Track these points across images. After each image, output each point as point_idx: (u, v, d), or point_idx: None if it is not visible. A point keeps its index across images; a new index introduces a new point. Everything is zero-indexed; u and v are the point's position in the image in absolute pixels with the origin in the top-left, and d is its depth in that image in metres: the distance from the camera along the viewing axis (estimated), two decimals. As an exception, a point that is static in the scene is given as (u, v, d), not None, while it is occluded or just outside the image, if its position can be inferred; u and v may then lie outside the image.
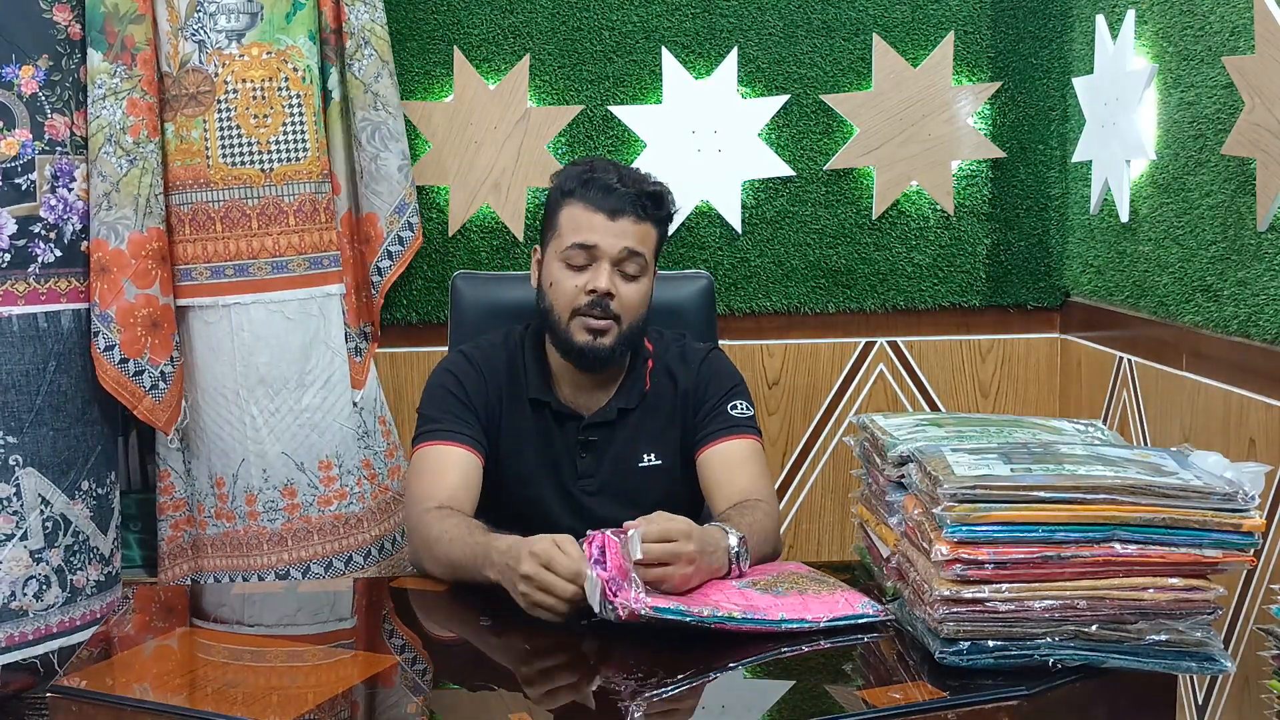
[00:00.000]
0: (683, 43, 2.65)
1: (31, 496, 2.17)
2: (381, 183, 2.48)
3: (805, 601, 1.50)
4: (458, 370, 1.90)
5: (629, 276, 1.82)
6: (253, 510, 2.39)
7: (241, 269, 2.33)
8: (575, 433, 1.90)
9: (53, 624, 2.20)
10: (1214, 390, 2.05)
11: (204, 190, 2.31)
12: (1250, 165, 1.92)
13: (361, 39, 2.41)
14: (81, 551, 2.24)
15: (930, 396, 2.76)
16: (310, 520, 2.40)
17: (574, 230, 1.81)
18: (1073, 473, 1.37)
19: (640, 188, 1.82)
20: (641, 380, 1.92)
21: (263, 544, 2.39)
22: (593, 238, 1.80)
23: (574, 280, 1.81)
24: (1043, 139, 2.69)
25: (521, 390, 1.90)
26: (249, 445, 2.35)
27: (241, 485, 2.38)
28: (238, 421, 2.36)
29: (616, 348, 1.83)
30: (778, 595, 1.51)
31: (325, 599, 1.84)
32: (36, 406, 2.17)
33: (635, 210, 1.80)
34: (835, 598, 1.52)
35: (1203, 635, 1.34)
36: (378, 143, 2.46)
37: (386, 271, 2.51)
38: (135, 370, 2.26)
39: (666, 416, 1.92)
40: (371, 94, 2.44)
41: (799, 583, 1.57)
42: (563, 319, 1.82)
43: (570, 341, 1.82)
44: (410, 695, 1.41)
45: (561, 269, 1.82)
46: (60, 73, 2.19)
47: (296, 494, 2.39)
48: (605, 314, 1.80)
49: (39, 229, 2.18)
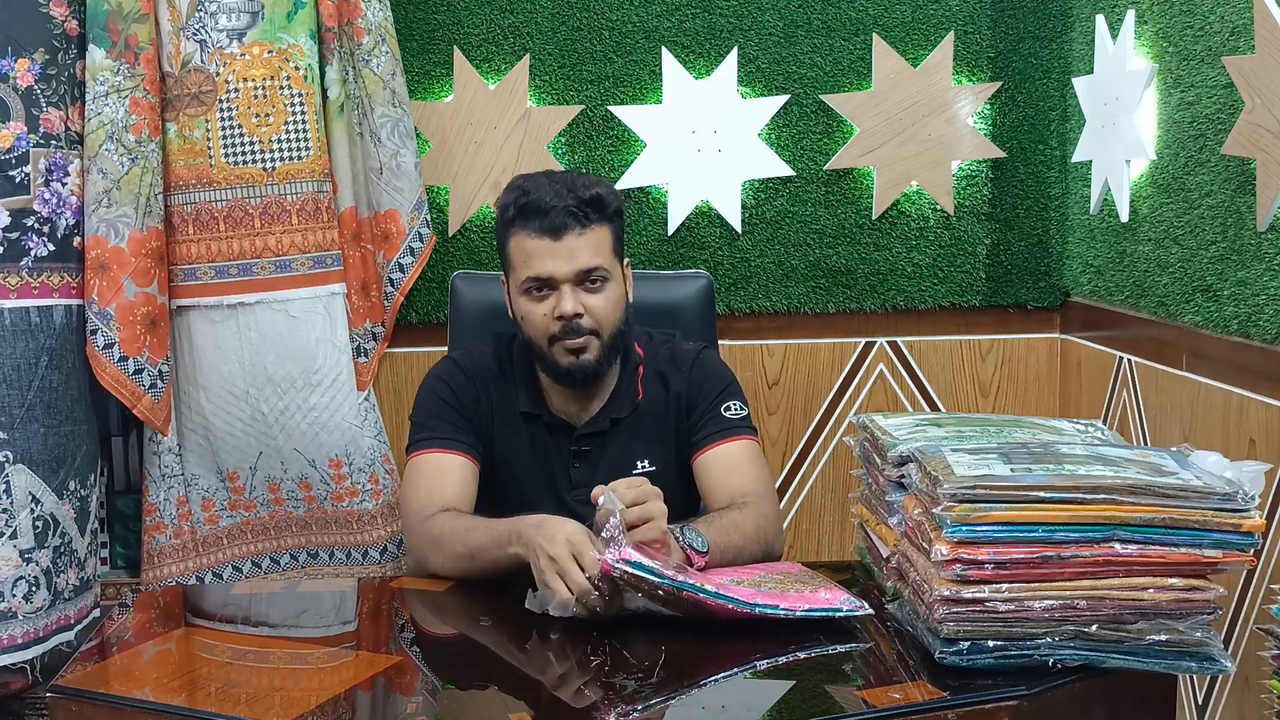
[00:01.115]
0: (683, 43, 2.65)
1: (21, 494, 2.15)
2: (402, 179, 2.50)
3: (785, 595, 1.50)
4: (450, 378, 1.89)
5: (593, 289, 1.79)
6: (277, 497, 2.44)
7: (245, 268, 2.34)
8: (568, 443, 1.89)
9: (39, 627, 2.19)
10: (1214, 390, 2.05)
11: (207, 190, 2.31)
12: (1250, 165, 1.92)
13: (379, 36, 2.43)
14: (65, 553, 2.23)
15: (930, 396, 2.76)
16: (326, 513, 2.44)
17: (525, 263, 1.79)
18: (1073, 473, 1.37)
19: (577, 197, 1.77)
20: (634, 388, 1.91)
21: (291, 526, 2.46)
22: (544, 267, 1.77)
23: (540, 310, 1.80)
24: (1043, 139, 2.69)
25: (512, 402, 1.89)
26: (265, 441, 2.38)
27: (262, 475, 2.41)
28: (250, 419, 2.38)
29: (602, 360, 1.82)
30: (760, 590, 1.51)
31: (325, 599, 1.84)
32: (28, 402, 2.16)
33: (578, 222, 1.77)
34: (817, 594, 1.51)
35: (1203, 635, 1.34)
36: (397, 139, 2.48)
37: (409, 269, 2.53)
38: (135, 369, 2.25)
39: (659, 421, 1.91)
40: (389, 90, 2.46)
41: (785, 581, 1.57)
42: (542, 347, 1.81)
43: (556, 367, 1.82)
44: (410, 695, 1.41)
45: (526, 302, 1.81)
46: (56, 67, 2.19)
47: (311, 488, 2.43)
48: (580, 332, 1.78)
49: (32, 222, 2.17)
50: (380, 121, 2.46)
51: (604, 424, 1.89)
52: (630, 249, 2.67)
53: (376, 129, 2.46)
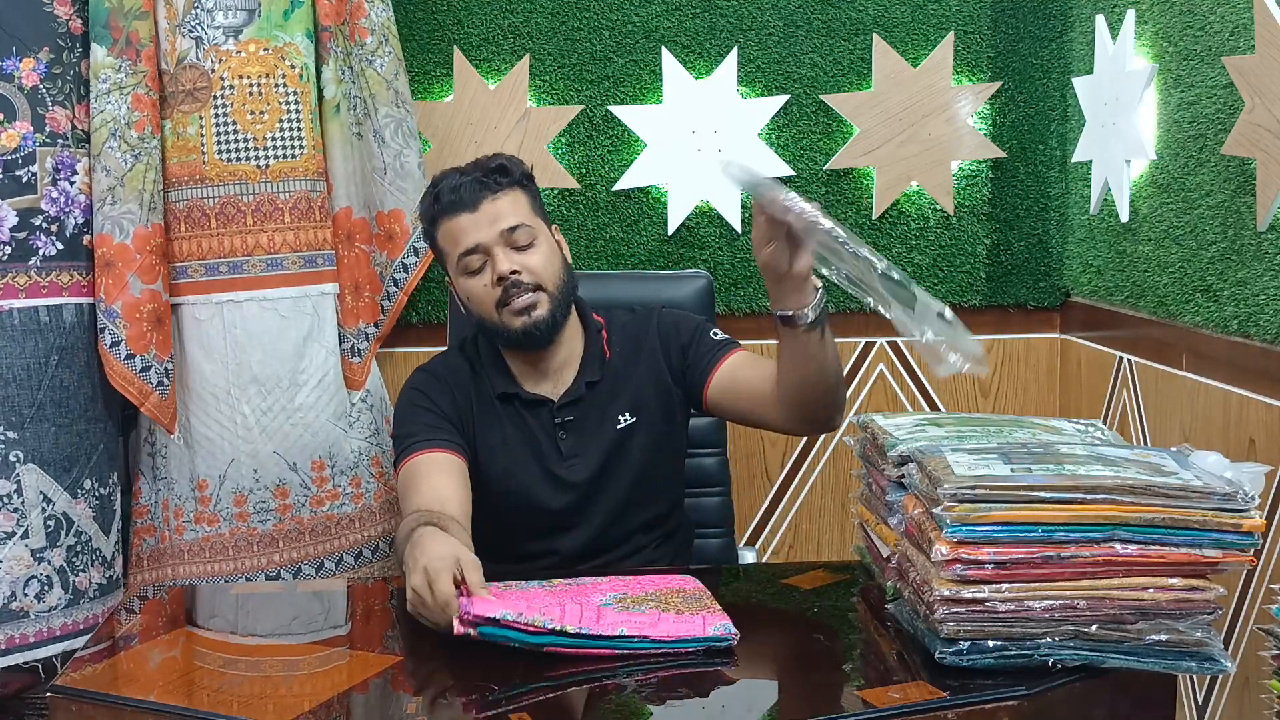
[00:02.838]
0: (683, 43, 2.65)
1: (33, 494, 2.15)
2: (406, 179, 2.50)
3: (659, 619, 1.44)
4: (422, 385, 1.93)
5: (524, 248, 1.84)
6: (241, 512, 2.36)
7: (236, 266, 2.32)
8: (551, 417, 1.91)
9: (55, 626, 2.19)
10: (1214, 390, 2.05)
11: (199, 186, 2.30)
12: (1250, 165, 1.92)
13: (382, 36, 2.43)
14: (84, 553, 2.23)
15: (930, 396, 2.76)
16: (302, 521, 2.38)
17: (454, 244, 1.85)
18: (1073, 473, 1.37)
19: (481, 170, 1.85)
20: (599, 351, 1.94)
21: (252, 545, 2.37)
22: (469, 238, 1.83)
23: (480, 282, 1.84)
24: (1043, 139, 2.69)
25: (488, 390, 1.92)
26: (240, 445, 2.34)
27: (229, 487, 2.34)
28: (228, 421, 2.34)
29: (555, 314, 1.85)
30: (634, 613, 1.46)
31: (325, 599, 1.84)
32: (38, 401, 2.16)
33: (488, 190, 1.83)
34: (695, 618, 1.44)
35: (1203, 635, 1.34)
36: (400, 140, 2.48)
37: (413, 268, 2.53)
38: (142, 366, 2.25)
39: (634, 377, 1.94)
40: (393, 90, 2.46)
41: (667, 601, 1.51)
42: (493, 318, 1.85)
43: (510, 331, 1.84)
44: (410, 696, 1.41)
45: (466, 281, 1.85)
46: (61, 66, 2.19)
47: (289, 494, 2.38)
48: (522, 288, 1.81)
49: (40, 222, 2.17)
50: (384, 122, 2.46)
51: (580, 390, 1.91)
52: (630, 249, 2.68)
53: (380, 129, 2.46)
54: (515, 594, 1.51)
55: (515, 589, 1.54)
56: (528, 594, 1.53)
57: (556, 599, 1.50)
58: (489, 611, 1.39)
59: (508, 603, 1.43)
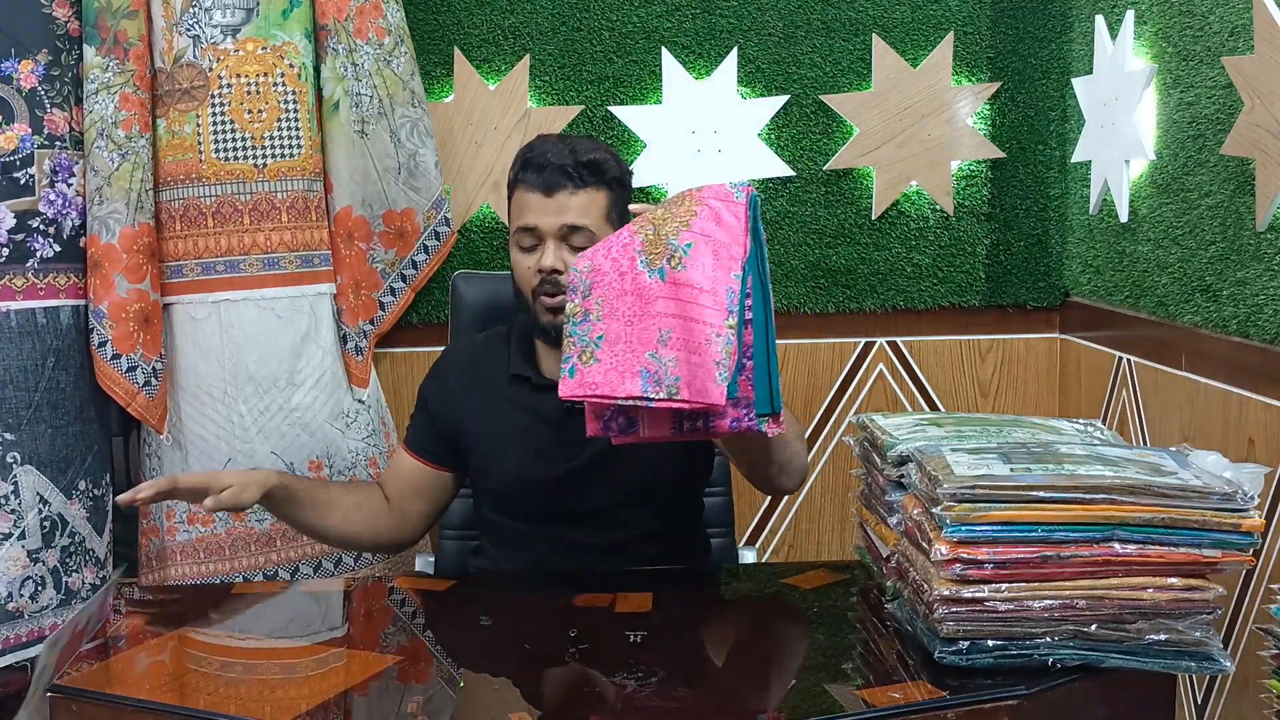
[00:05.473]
0: (683, 43, 2.65)
1: (29, 495, 2.16)
2: (420, 178, 2.51)
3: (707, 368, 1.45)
4: (426, 384, 2.00)
5: (578, 249, 1.82)
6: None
7: (232, 265, 2.32)
8: (560, 403, 1.90)
9: (46, 626, 2.19)
10: (1213, 390, 2.05)
11: (196, 185, 2.30)
12: (1249, 165, 1.92)
13: (399, 36, 2.44)
14: (78, 553, 2.23)
15: (930, 396, 2.76)
16: None
17: (519, 214, 1.85)
18: (1072, 472, 1.37)
19: (575, 158, 1.82)
20: None
21: (249, 545, 2.37)
22: (531, 219, 1.82)
23: (526, 261, 1.85)
24: (1042, 139, 2.69)
25: (503, 367, 1.93)
26: (236, 445, 2.33)
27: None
28: (224, 421, 2.34)
29: None
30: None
31: (325, 599, 1.84)
32: (35, 403, 2.17)
33: (570, 182, 1.81)
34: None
35: (1202, 635, 1.35)
36: (416, 139, 2.49)
37: (422, 265, 2.54)
38: (128, 366, 2.25)
39: None
40: (409, 90, 2.47)
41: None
42: (527, 299, 1.87)
43: (536, 322, 1.86)
44: (410, 695, 1.41)
45: (516, 252, 1.87)
46: (59, 68, 2.19)
47: None
48: (558, 290, 1.81)
49: (37, 224, 2.17)
50: (400, 122, 2.47)
51: None
52: (630, 249, 2.67)
53: (396, 129, 2.47)
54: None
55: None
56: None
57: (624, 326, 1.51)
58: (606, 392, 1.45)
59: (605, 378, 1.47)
